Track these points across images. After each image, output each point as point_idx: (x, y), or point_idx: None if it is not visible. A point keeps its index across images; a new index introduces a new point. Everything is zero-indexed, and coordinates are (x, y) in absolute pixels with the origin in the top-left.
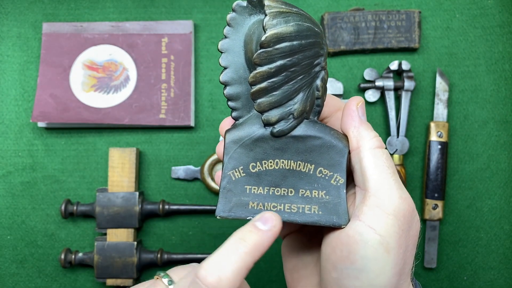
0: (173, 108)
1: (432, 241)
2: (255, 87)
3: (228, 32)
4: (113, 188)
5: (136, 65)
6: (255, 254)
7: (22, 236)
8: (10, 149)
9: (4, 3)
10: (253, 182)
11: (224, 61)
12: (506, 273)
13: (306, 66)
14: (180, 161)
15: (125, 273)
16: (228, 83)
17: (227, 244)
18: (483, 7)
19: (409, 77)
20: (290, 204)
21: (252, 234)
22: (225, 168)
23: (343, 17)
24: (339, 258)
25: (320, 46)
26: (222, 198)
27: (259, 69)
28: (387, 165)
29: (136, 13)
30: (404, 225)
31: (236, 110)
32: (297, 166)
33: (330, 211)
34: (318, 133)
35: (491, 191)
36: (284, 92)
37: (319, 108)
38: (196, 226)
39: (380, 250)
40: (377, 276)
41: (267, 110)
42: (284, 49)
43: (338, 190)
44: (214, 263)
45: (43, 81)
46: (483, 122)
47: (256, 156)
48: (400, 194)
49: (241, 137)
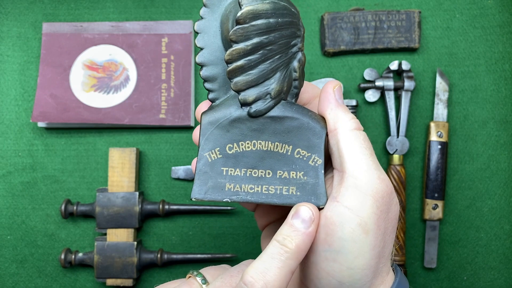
0: (173, 108)
1: (432, 241)
2: (232, 65)
3: (204, 13)
4: (113, 188)
5: (136, 65)
6: (299, 257)
7: (22, 236)
8: (10, 149)
9: (4, 3)
10: (230, 163)
11: (200, 42)
12: (506, 273)
13: (283, 45)
14: (180, 161)
15: (125, 273)
16: (204, 64)
17: (269, 249)
18: (483, 7)
19: (409, 77)
20: (268, 185)
21: (292, 238)
22: (201, 150)
23: (343, 17)
24: (317, 240)
25: (297, 27)
26: (198, 180)
27: (235, 46)
28: (364, 146)
29: (136, 13)
30: (382, 206)
31: (212, 92)
32: (274, 147)
33: (308, 192)
34: (295, 114)
35: (491, 191)
36: (261, 71)
37: (296, 90)
38: (196, 226)
39: (358, 231)
40: (355, 258)
41: (243, 90)
42: (260, 26)
43: (316, 171)
44: (259, 269)
45: (43, 81)
46: (483, 122)
47: (233, 138)
48: (378, 175)
49: (218, 118)
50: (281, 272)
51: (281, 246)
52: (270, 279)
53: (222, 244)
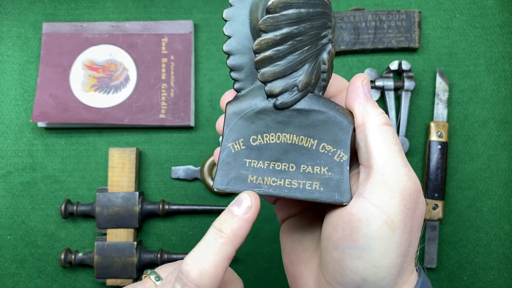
0: (173, 108)
1: (432, 241)
2: (259, 55)
3: (234, 0)
4: (113, 188)
5: (136, 65)
6: (234, 242)
7: (22, 236)
8: (10, 149)
9: (4, 3)
10: (253, 155)
11: (228, 30)
12: (506, 273)
13: (313, 36)
14: (180, 161)
15: (125, 273)
16: (231, 52)
17: (206, 236)
18: (483, 7)
19: (409, 77)
20: (291, 179)
21: (228, 223)
22: (225, 140)
23: (343, 17)
24: (341, 237)
25: (328, 18)
26: (221, 170)
27: (264, 36)
28: (393, 142)
29: (136, 13)
30: (410, 204)
31: (238, 82)
32: (299, 141)
33: (332, 188)
34: (322, 108)
35: (491, 191)
36: (289, 62)
37: (324, 83)
38: (196, 226)
39: (385, 228)
40: (380, 256)
41: (270, 81)
42: (291, 16)
43: (341, 167)
44: (195, 257)
45: (43, 81)
46: (483, 122)
47: (257, 129)
48: (406, 172)
49: (243, 109)
50: (216, 258)
51: (217, 232)
52: (205, 265)
53: None
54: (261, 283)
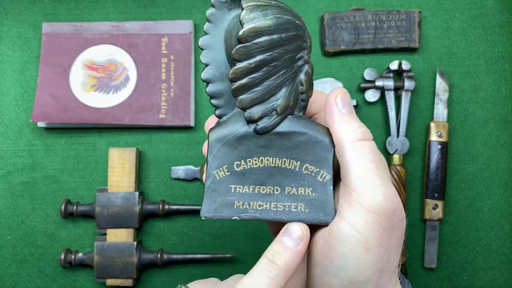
0: (173, 108)
1: (432, 241)
2: (236, 83)
3: (208, 28)
4: (113, 188)
5: (136, 65)
6: (287, 274)
7: (22, 236)
8: (10, 149)
9: (4, 3)
10: (238, 181)
11: (205, 58)
12: (506, 273)
13: (288, 60)
14: (180, 161)
15: (125, 273)
16: (210, 80)
17: (258, 266)
18: (483, 7)
19: (409, 77)
20: (276, 202)
21: (281, 255)
22: (209, 168)
23: (343, 17)
24: (320, 254)
25: (302, 39)
26: (207, 198)
27: (238, 65)
28: (370, 159)
29: (136, 13)
30: (385, 223)
31: (219, 108)
32: (282, 163)
33: (317, 209)
34: (303, 129)
35: (491, 191)
36: (266, 88)
37: (304, 103)
38: (196, 226)
39: (359, 248)
40: (356, 274)
41: (249, 107)
42: (263, 44)
43: (324, 187)
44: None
45: (43, 81)
46: (483, 122)
47: (240, 154)
48: (383, 191)
49: (225, 136)
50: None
51: (270, 263)
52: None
53: (222, 244)
54: None
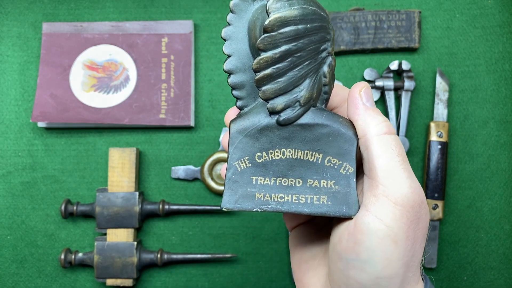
0: (173, 108)
1: (432, 241)
2: (260, 73)
3: (232, 19)
4: (113, 188)
5: (136, 65)
6: None
7: (22, 236)
8: (10, 149)
9: (4, 3)
10: (260, 172)
11: (227, 49)
12: (506, 273)
13: (312, 51)
14: (180, 161)
15: (125, 273)
16: (232, 71)
17: None
18: (483, 7)
19: (409, 77)
20: (298, 194)
21: None
22: (231, 159)
23: (343, 17)
24: (345, 248)
25: (326, 31)
26: (228, 189)
27: (263, 55)
28: (396, 152)
29: (136, 13)
30: (413, 216)
31: (240, 99)
32: (304, 156)
33: (340, 201)
34: (325, 121)
35: (491, 191)
36: (289, 79)
37: (326, 96)
38: (196, 226)
39: (387, 241)
40: (383, 268)
41: (272, 98)
42: (288, 34)
43: (347, 180)
44: None
45: (43, 81)
46: (483, 122)
47: (262, 146)
48: (410, 184)
49: (246, 127)
50: None
51: None
52: None
53: (222, 244)
54: (261, 283)
